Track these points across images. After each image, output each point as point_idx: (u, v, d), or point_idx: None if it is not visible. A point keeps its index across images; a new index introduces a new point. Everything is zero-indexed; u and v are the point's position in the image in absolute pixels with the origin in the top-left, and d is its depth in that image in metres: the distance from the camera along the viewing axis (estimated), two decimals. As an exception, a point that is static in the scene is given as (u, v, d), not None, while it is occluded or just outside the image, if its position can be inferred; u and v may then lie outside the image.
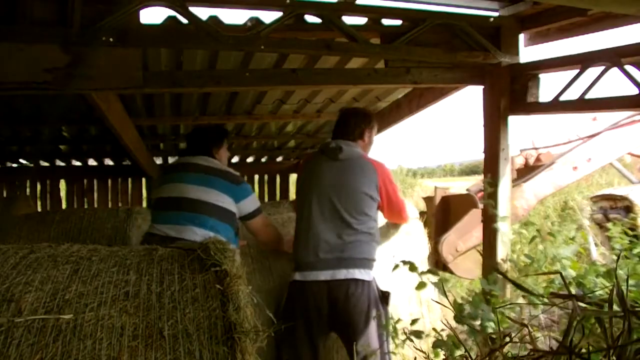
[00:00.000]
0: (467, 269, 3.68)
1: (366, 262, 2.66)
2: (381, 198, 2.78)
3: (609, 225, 3.77)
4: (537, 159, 4.08)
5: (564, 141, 4.18)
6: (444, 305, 1.73)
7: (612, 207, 4.24)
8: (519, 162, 4.23)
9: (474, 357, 1.44)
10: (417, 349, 1.79)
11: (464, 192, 4.25)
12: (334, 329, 2.68)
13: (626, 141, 4.17)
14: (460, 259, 3.63)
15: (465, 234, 3.65)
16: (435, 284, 1.88)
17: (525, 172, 4.08)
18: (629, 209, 4.05)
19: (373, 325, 2.60)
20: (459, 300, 1.79)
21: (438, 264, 3.74)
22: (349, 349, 2.65)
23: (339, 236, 2.65)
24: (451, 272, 3.70)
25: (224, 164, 2.92)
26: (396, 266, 2.16)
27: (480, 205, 3.97)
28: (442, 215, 3.94)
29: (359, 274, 2.61)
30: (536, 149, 4.17)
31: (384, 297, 2.71)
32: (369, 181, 2.73)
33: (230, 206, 2.71)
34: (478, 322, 1.69)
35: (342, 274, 2.60)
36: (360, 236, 2.67)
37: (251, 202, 2.80)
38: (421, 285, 1.97)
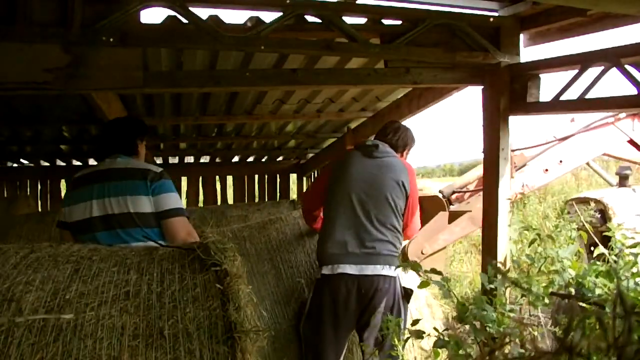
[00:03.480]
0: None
1: (391, 259, 2.65)
2: (407, 202, 2.76)
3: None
4: (511, 162, 4.09)
5: (540, 142, 4.16)
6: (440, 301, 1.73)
7: (588, 209, 4.23)
8: None
9: (474, 356, 1.44)
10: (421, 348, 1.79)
11: (433, 194, 4.24)
12: (358, 324, 2.65)
13: (599, 143, 4.17)
14: (427, 261, 3.62)
15: (432, 237, 3.63)
16: (438, 283, 1.87)
17: None
18: (603, 212, 4.03)
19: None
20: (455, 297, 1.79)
21: None
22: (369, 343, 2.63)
23: (367, 231, 2.64)
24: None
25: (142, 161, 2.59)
26: (400, 265, 2.16)
27: (453, 207, 3.98)
28: None
29: (385, 270, 2.61)
30: (513, 150, 4.17)
31: (407, 294, 2.70)
32: (398, 180, 2.73)
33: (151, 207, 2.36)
34: (479, 322, 1.70)
35: (370, 269, 2.59)
36: (387, 232, 2.67)
37: (169, 199, 2.39)
38: (424, 285, 1.97)
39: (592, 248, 2.71)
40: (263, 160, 7.26)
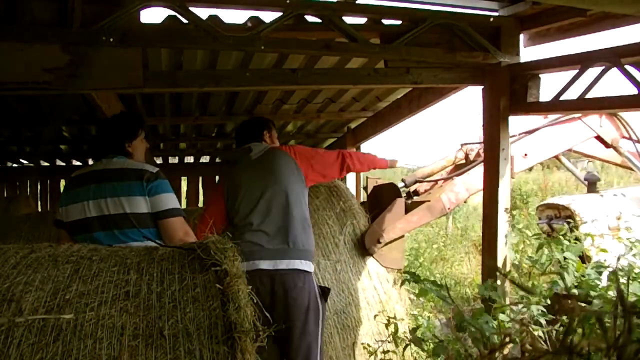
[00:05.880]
0: (394, 259, 3.58)
1: (305, 254, 2.63)
2: (307, 172, 2.80)
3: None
4: (478, 154, 4.02)
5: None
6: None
7: (557, 216, 4.15)
8: (460, 156, 4.19)
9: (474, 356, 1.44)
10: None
11: (389, 181, 4.17)
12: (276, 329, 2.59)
13: (566, 138, 4.09)
14: (385, 249, 3.54)
15: (389, 225, 3.55)
16: (438, 294, 1.87)
17: (466, 167, 4.01)
18: (570, 218, 3.96)
19: (311, 322, 2.56)
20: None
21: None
22: (283, 345, 2.56)
23: (278, 226, 2.62)
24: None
25: (139, 159, 2.56)
26: (405, 281, 2.14)
27: (417, 198, 3.92)
28: (374, 204, 3.83)
29: (300, 264, 2.58)
30: (481, 143, 4.09)
31: (323, 292, 2.67)
32: (290, 166, 2.77)
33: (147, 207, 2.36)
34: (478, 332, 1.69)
35: (284, 263, 2.56)
36: (298, 226, 2.65)
37: (166, 200, 2.38)
38: (422, 293, 1.96)
39: None
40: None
